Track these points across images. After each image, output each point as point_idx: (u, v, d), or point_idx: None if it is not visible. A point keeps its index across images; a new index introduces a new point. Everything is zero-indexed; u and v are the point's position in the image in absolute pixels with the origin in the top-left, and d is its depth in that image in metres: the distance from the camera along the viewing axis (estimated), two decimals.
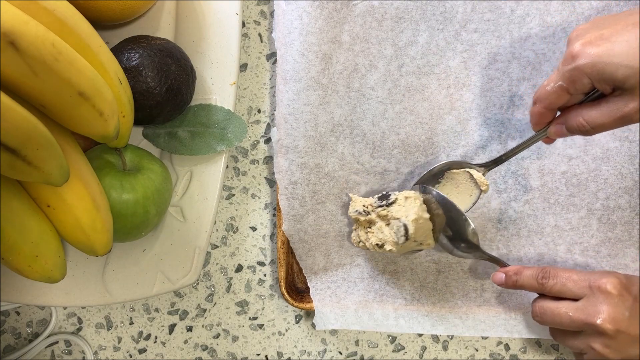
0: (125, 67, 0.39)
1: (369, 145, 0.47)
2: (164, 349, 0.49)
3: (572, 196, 0.46)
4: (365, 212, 0.44)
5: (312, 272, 0.46)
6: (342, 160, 0.46)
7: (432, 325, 0.46)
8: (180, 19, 0.45)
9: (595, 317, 0.38)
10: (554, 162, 0.46)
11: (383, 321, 0.45)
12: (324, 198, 0.46)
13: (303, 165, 0.45)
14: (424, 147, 0.47)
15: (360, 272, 0.47)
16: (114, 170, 0.39)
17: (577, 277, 0.40)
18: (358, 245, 0.45)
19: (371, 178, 0.47)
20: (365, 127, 0.46)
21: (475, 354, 0.49)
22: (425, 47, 0.46)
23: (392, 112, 0.47)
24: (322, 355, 0.49)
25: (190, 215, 0.45)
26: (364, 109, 0.46)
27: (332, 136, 0.46)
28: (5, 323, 0.48)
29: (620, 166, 0.46)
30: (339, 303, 0.46)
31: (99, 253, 0.38)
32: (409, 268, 0.47)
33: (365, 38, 0.46)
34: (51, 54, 0.29)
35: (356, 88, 0.46)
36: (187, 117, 0.44)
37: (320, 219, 0.46)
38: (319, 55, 0.44)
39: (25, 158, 0.29)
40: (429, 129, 0.47)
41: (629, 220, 0.46)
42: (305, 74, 0.44)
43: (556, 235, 0.47)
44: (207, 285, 0.49)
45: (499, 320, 0.46)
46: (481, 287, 0.47)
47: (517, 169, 0.46)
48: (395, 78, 0.46)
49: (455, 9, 0.46)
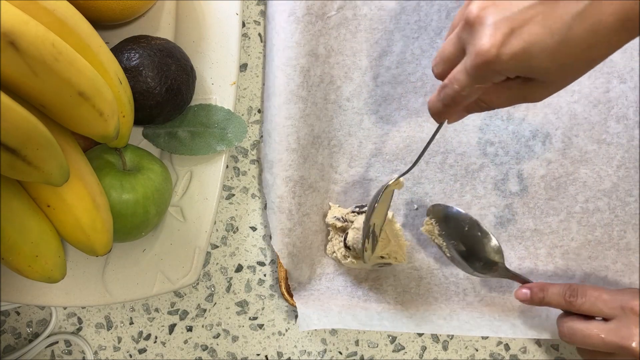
0: (125, 67, 0.39)
1: (346, 155, 0.47)
2: (164, 349, 0.49)
3: (552, 200, 0.47)
4: (342, 219, 0.44)
5: (297, 283, 0.46)
6: (322, 171, 0.46)
7: (417, 325, 0.46)
8: (180, 19, 0.45)
9: (630, 340, 0.37)
10: (533, 166, 0.46)
11: (367, 321, 0.45)
12: (309, 209, 0.46)
13: (288, 179, 0.44)
14: (402, 155, 0.47)
15: (343, 281, 0.47)
16: (114, 170, 0.39)
17: (608, 297, 0.39)
18: (332, 257, 0.45)
19: (349, 187, 0.47)
20: (341, 137, 0.47)
21: (475, 354, 0.49)
22: (401, 57, 0.46)
23: (369, 122, 0.47)
24: (322, 355, 0.49)
25: (190, 215, 0.45)
26: (341, 120, 0.47)
27: (313, 148, 0.46)
28: (5, 323, 0.48)
29: (598, 169, 0.46)
30: (322, 306, 0.46)
31: (99, 253, 0.38)
32: (392, 274, 0.47)
33: (339, 50, 0.46)
34: (51, 54, 0.29)
35: (333, 100, 0.46)
36: (187, 117, 0.44)
37: (306, 230, 0.46)
38: (297, 68, 0.44)
39: (25, 158, 0.29)
40: (407, 137, 0.47)
41: (609, 223, 0.47)
42: (284, 88, 0.44)
43: (536, 239, 0.47)
44: (207, 285, 0.49)
45: (483, 320, 0.46)
46: (463, 292, 0.47)
47: (496, 174, 0.47)
48: (371, 88, 0.47)
49: (429, 17, 0.46)
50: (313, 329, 0.46)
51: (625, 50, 0.45)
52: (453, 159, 0.47)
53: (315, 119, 0.45)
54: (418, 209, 0.47)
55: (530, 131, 0.46)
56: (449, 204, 0.45)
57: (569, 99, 0.46)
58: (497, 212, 0.47)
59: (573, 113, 0.46)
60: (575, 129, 0.46)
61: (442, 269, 0.47)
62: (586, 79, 0.46)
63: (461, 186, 0.47)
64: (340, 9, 0.46)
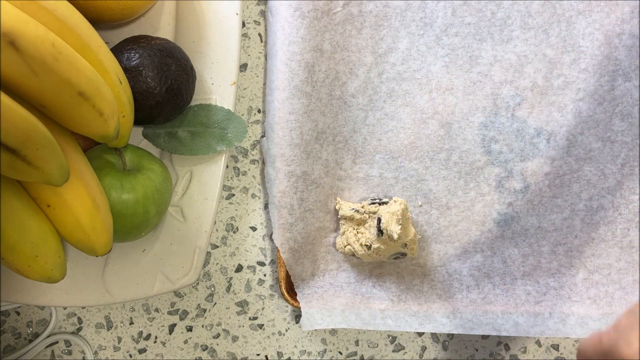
0: (125, 67, 0.39)
1: (351, 152, 0.47)
2: (164, 349, 0.49)
3: (555, 197, 0.47)
4: (361, 211, 0.45)
5: (300, 279, 0.46)
6: (326, 167, 0.46)
7: (420, 324, 0.46)
8: (180, 19, 0.45)
9: None
10: (537, 164, 0.46)
11: (370, 320, 0.45)
12: (312, 205, 0.46)
13: (290, 174, 0.45)
14: (407, 152, 0.47)
15: (347, 277, 0.47)
16: (114, 170, 0.39)
17: None
18: (344, 250, 0.46)
19: (354, 184, 0.47)
20: (346, 133, 0.47)
21: (475, 354, 0.49)
22: (406, 53, 0.46)
23: (373, 119, 0.47)
24: (322, 355, 0.49)
25: (190, 215, 0.45)
26: (345, 116, 0.47)
27: (317, 144, 0.46)
28: (5, 323, 0.48)
29: (602, 166, 0.46)
30: (325, 305, 0.46)
31: (99, 253, 0.38)
32: (395, 272, 0.47)
33: (345, 46, 0.46)
34: (51, 54, 0.29)
35: (337, 96, 0.46)
36: (187, 117, 0.44)
37: (309, 226, 0.46)
38: (302, 64, 0.44)
39: (25, 158, 0.29)
40: (411, 133, 0.47)
41: (612, 220, 0.47)
42: (289, 83, 0.44)
43: (540, 237, 0.47)
44: (207, 285, 0.49)
45: (486, 319, 0.46)
46: (467, 289, 0.47)
47: (500, 172, 0.47)
48: (376, 85, 0.47)
49: (435, 14, 0.46)
50: (317, 328, 0.46)
51: (630, 48, 0.45)
52: (457, 156, 0.47)
53: (319, 114, 0.45)
54: (422, 205, 0.47)
55: (534, 129, 0.46)
56: (453, 201, 0.46)
57: (574, 97, 0.46)
58: (501, 210, 0.47)
59: (578, 111, 0.46)
60: (580, 127, 0.46)
61: (446, 265, 0.47)
62: (591, 76, 0.46)
63: (465, 183, 0.47)
64: (346, 6, 0.46)
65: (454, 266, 0.47)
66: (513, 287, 0.46)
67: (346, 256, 0.47)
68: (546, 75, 0.46)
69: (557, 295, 0.46)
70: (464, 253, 0.47)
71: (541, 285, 0.46)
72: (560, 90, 0.46)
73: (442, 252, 0.47)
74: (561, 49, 0.46)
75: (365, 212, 0.45)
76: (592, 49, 0.46)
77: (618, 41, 0.45)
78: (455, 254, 0.47)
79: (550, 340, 0.49)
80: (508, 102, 0.46)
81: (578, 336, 0.45)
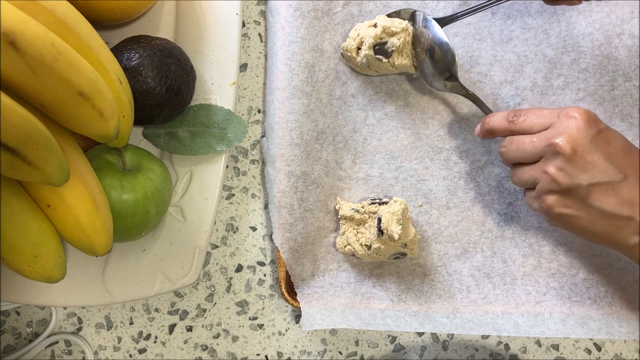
0: (125, 67, 0.39)
1: (351, 152, 0.47)
2: (164, 349, 0.49)
3: None
4: (361, 211, 0.45)
5: (300, 279, 0.46)
6: (326, 167, 0.46)
7: (420, 324, 0.46)
8: (180, 19, 0.45)
9: (556, 137, 0.37)
10: None
11: (370, 320, 0.45)
12: (312, 205, 0.46)
13: (290, 174, 0.45)
14: (407, 152, 0.47)
15: (347, 277, 0.47)
16: (114, 170, 0.39)
17: (548, 112, 0.39)
18: (344, 250, 0.45)
19: (354, 184, 0.47)
20: (346, 133, 0.47)
21: (475, 354, 0.49)
22: None
23: (373, 119, 0.47)
24: (322, 355, 0.49)
25: (190, 215, 0.45)
26: (345, 116, 0.47)
27: (317, 143, 0.46)
28: (5, 323, 0.48)
29: None
30: (325, 305, 0.46)
31: (99, 253, 0.38)
32: (395, 272, 0.47)
33: None
34: (51, 54, 0.29)
35: (337, 96, 0.46)
36: (187, 117, 0.44)
37: (309, 226, 0.46)
38: (302, 64, 0.44)
39: (25, 158, 0.29)
40: (411, 133, 0.47)
41: None
42: (289, 82, 0.44)
43: (540, 237, 0.47)
44: (207, 285, 0.49)
45: (486, 319, 0.46)
46: (467, 289, 0.47)
47: (500, 172, 0.47)
48: (376, 85, 0.47)
49: (435, 15, 0.46)
50: (317, 328, 0.46)
51: (630, 48, 0.45)
52: (457, 156, 0.47)
53: (319, 114, 0.45)
54: (422, 205, 0.47)
55: None
56: (453, 201, 0.46)
57: (574, 97, 0.46)
58: (501, 210, 0.47)
59: None
60: None
61: (446, 265, 0.47)
62: (591, 76, 0.46)
63: (465, 183, 0.47)
64: (346, 6, 0.46)
65: (454, 266, 0.47)
66: (513, 287, 0.47)
67: (346, 256, 0.47)
68: (546, 75, 0.46)
69: (557, 295, 0.46)
70: (464, 253, 0.47)
71: (541, 285, 0.46)
72: (560, 90, 0.46)
73: (442, 252, 0.47)
74: (561, 49, 0.46)
75: (365, 212, 0.45)
76: (592, 49, 0.46)
77: (618, 41, 0.45)
78: (456, 254, 0.47)
79: (550, 340, 0.49)
80: (508, 102, 0.46)
81: (578, 336, 0.45)
